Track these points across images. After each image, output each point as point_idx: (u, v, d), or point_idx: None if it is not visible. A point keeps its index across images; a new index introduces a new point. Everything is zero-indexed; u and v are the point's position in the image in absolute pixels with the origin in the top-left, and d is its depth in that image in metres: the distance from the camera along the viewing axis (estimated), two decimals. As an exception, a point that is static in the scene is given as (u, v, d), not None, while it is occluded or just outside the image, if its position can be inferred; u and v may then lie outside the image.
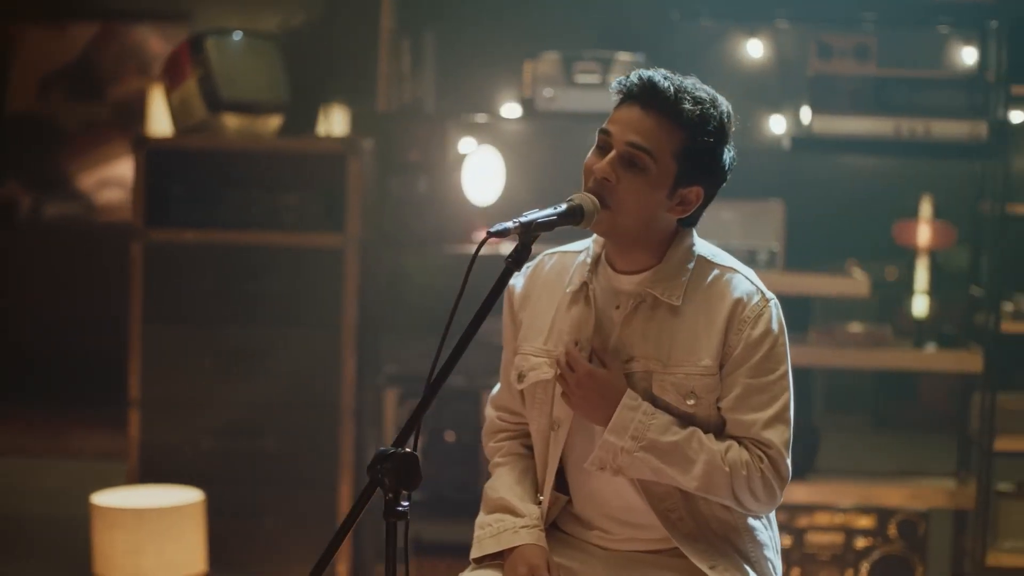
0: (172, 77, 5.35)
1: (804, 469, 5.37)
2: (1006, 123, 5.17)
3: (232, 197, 5.25)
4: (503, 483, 3.14)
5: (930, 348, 5.41)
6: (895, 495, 5.38)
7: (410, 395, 5.58)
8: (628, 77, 2.93)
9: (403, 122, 5.53)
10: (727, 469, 2.90)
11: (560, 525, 3.14)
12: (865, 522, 5.36)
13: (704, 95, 2.90)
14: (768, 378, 2.94)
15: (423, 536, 5.67)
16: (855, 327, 5.42)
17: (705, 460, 2.90)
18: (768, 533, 3.09)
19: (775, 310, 2.98)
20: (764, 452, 2.93)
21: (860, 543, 5.35)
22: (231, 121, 5.27)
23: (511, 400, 3.19)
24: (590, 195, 2.86)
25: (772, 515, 3.12)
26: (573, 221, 2.83)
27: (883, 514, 5.35)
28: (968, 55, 5.48)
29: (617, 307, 2.99)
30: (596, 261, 3.04)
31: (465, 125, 5.62)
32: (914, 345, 5.44)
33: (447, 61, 5.61)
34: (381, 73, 5.37)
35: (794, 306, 7.06)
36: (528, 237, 2.74)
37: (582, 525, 3.11)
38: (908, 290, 5.54)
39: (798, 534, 5.35)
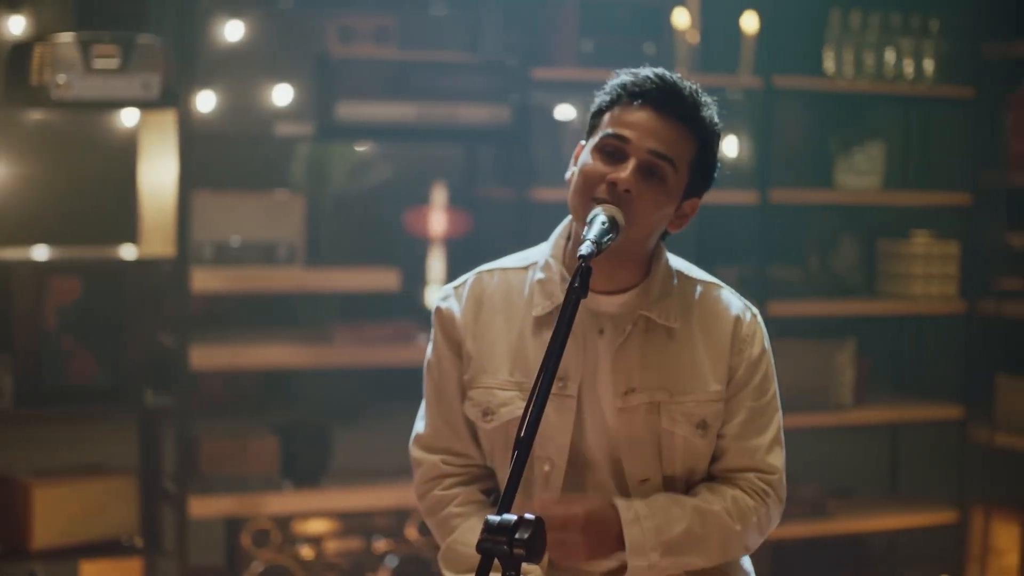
0: None
1: (318, 474, 5.06)
2: (527, 107, 5.12)
3: None
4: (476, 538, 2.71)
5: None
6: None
7: None
8: (639, 76, 2.61)
9: None
10: (739, 528, 2.67)
11: None
12: (384, 523, 5.15)
13: (707, 98, 2.65)
14: (765, 399, 2.73)
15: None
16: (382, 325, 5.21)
17: (717, 533, 2.66)
18: (752, 571, 2.88)
19: (763, 325, 2.76)
20: (767, 480, 2.71)
21: (380, 546, 5.15)
22: None
23: (455, 441, 2.77)
24: (615, 208, 2.53)
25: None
26: (613, 239, 2.50)
27: (401, 515, 5.14)
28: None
29: (601, 332, 2.66)
30: (562, 280, 2.68)
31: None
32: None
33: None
34: None
35: (319, 304, 6.75)
36: (591, 258, 2.40)
37: None
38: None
39: (316, 543, 5.08)
